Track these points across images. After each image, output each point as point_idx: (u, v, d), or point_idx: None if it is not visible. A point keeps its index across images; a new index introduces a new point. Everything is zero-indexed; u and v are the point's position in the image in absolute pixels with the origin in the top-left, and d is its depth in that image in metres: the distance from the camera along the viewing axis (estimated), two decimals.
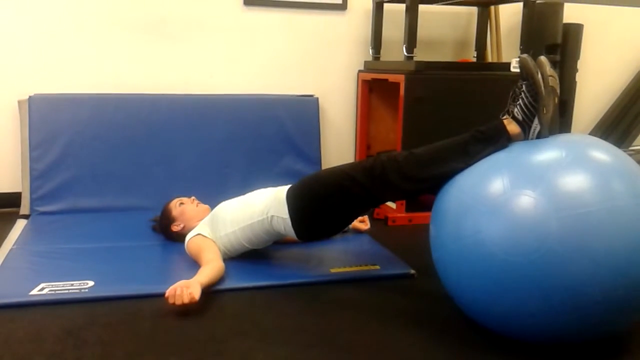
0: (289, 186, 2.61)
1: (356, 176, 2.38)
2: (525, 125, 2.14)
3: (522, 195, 1.87)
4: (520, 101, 2.14)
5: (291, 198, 2.54)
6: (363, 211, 2.67)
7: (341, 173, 2.45)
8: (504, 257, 1.85)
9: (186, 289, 2.21)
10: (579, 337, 1.97)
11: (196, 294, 2.20)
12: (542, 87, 2.08)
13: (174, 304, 2.18)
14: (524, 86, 2.14)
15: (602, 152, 1.98)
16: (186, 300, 2.17)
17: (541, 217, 1.82)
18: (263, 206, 2.63)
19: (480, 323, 2.11)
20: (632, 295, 1.84)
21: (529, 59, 2.10)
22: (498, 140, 2.14)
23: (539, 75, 2.09)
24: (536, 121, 2.11)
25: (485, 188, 1.98)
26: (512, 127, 2.15)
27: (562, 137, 2.12)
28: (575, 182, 1.87)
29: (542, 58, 2.13)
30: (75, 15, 3.71)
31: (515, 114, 2.15)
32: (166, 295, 2.20)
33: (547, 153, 2.00)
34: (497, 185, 1.95)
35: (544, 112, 2.09)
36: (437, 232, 2.17)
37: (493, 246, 1.88)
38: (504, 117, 2.19)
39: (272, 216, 2.58)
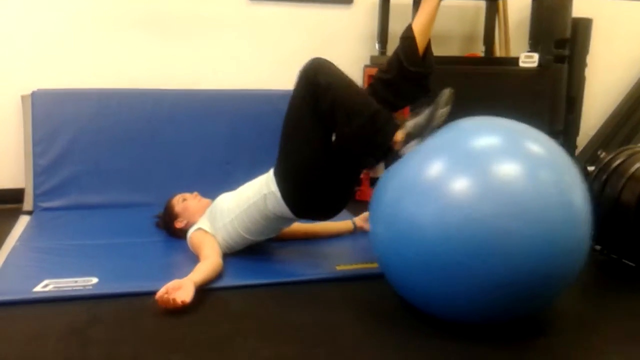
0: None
1: (300, 94, 2.50)
2: (407, 139, 2.24)
3: (454, 183, 1.96)
4: (418, 118, 2.25)
5: (275, 167, 2.60)
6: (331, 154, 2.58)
7: (290, 102, 2.57)
8: (436, 242, 1.94)
9: (177, 291, 2.20)
10: (504, 318, 2.08)
11: (187, 296, 2.19)
12: (440, 122, 2.18)
13: (164, 304, 2.17)
14: (428, 110, 2.23)
15: (534, 142, 2.07)
16: (176, 303, 2.16)
17: (472, 202, 1.91)
18: (257, 188, 2.65)
19: (421, 309, 2.19)
20: (551, 275, 1.96)
21: (448, 95, 2.21)
22: (384, 133, 2.31)
23: (444, 111, 2.19)
24: (413, 142, 2.22)
25: (418, 177, 2.06)
26: (400, 134, 2.28)
27: (491, 122, 2.20)
28: (505, 170, 1.96)
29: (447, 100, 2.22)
30: (78, 11, 3.70)
31: (408, 125, 2.26)
32: (156, 297, 2.18)
33: (482, 141, 2.08)
34: (430, 173, 2.03)
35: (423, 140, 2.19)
36: (374, 226, 2.27)
37: (425, 232, 1.97)
38: (402, 123, 2.30)
39: (265, 194, 2.59)
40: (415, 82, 2.51)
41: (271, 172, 2.62)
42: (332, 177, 2.52)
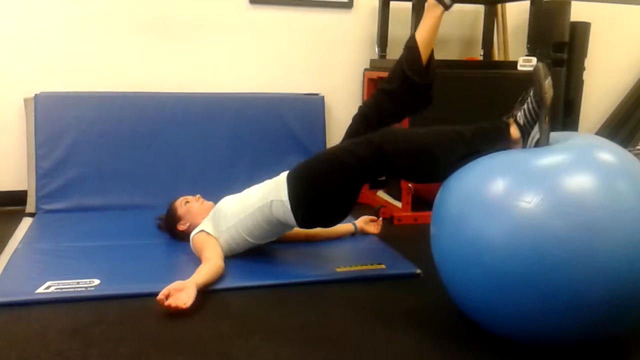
0: (286, 172, 2.61)
1: (355, 150, 2.36)
2: (525, 131, 2.15)
3: (522, 201, 1.85)
4: (526, 106, 2.15)
5: (290, 180, 2.53)
6: (358, 188, 2.53)
7: (339, 149, 2.45)
8: (504, 263, 1.85)
9: (179, 293, 2.21)
10: (578, 340, 1.95)
11: (189, 298, 2.20)
12: (549, 97, 2.09)
13: (166, 306, 2.18)
14: (531, 92, 2.14)
15: (606, 154, 1.96)
16: (178, 306, 2.16)
17: (541, 223, 1.81)
18: (263, 193, 2.63)
19: (481, 324, 2.11)
20: (633, 299, 1.83)
21: (542, 67, 2.11)
22: (498, 140, 2.16)
23: (547, 85, 2.10)
24: (536, 129, 2.13)
25: (486, 192, 1.96)
26: (513, 131, 2.17)
27: (564, 137, 2.12)
28: (577, 185, 1.85)
29: (545, 72, 2.13)
30: (80, 15, 3.71)
31: (518, 119, 2.17)
32: (158, 298, 2.19)
33: (548, 155, 1.98)
34: (498, 189, 1.93)
35: (546, 120, 2.10)
36: (438, 232, 2.16)
37: (492, 246, 1.88)
38: (508, 119, 2.20)
39: (272, 201, 2.57)
40: (419, 92, 2.52)
41: (282, 180, 2.57)
42: (347, 200, 2.52)
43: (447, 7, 2.51)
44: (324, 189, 2.44)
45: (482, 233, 1.91)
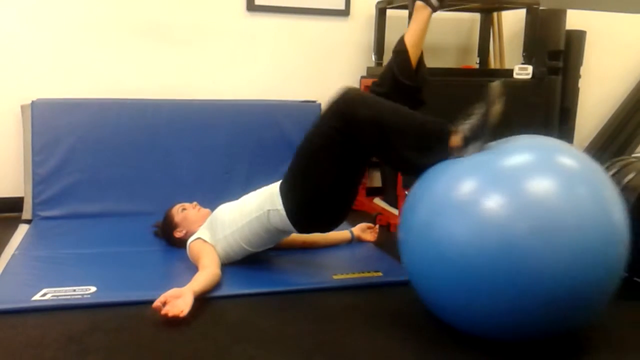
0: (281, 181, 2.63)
1: (316, 128, 2.43)
2: (466, 142, 2.18)
3: (488, 199, 1.93)
4: (473, 120, 2.19)
5: (281, 185, 2.58)
6: (350, 176, 2.54)
7: (306, 137, 2.49)
8: (470, 259, 1.92)
9: (176, 300, 2.21)
10: (541, 335, 2.03)
11: (186, 305, 2.20)
12: (495, 118, 2.14)
13: (163, 314, 2.17)
14: (481, 109, 2.19)
15: (570, 158, 2.04)
16: (175, 313, 2.16)
17: (508, 220, 1.88)
18: (259, 202, 2.64)
19: (454, 325, 2.16)
20: (588, 294, 1.93)
21: (497, 87, 2.16)
22: (437, 144, 2.24)
23: (497, 106, 2.15)
24: (477, 143, 2.16)
25: (452, 193, 2.03)
26: (455, 140, 2.21)
27: (529, 140, 2.18)
28: (540, 186, 1.93)
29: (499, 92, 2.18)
30: (77, 21, 3.72)
31: (463, 129, 2.21)
32: (154, 305, 2.19)
33: (515, 158, 2.05)
34: (464, 190, 2.00)
35: (487, 140, 2.16)
36: (406, 236, 2.22)
37: (459, 249, 1.95)
38: (454, 127, 2.25)
39: (269, 210, 2.58)
40: (409, 95, 2.53)
41: (276, 189, 2.60)
42: (339, 199, 2.53)
43: (434, 9, 2.53)
44: (311, 180, 2.47)
45: (449, 235, 1.98)
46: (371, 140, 2.34)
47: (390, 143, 2.30)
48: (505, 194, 1.92)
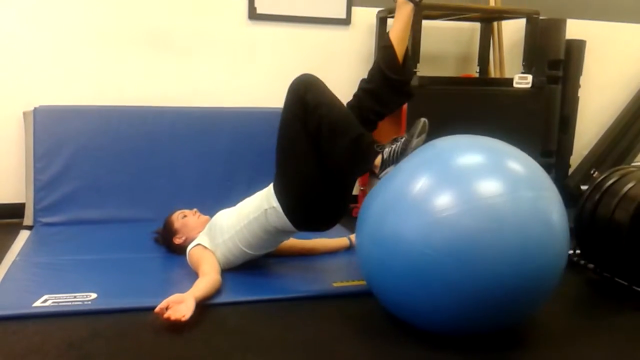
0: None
1: (290, 111, 2.54)
2: (384, 165, 2.35)
3: (438, 198, 2.02)
4: (394, 146, 2.35)
5: (274, 183, 2.63)
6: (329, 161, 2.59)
7: (281, 121, 2.60)
8: (419, 255, 2.00)
9: (178, 306, 2.21)
10: (487, 328, 2.15)
11: (188, 310, 2.20)
12: (413, 150, 2.29)
13: (166, 318, 2.18)
14: (403, 140, 2.34)
15: (514, 160, 2.15)
16: (177, 318, 2.16)
17: (454, 218, 1.97)
18: (257, 204, 2.67)
19: (405, 320, 2.24)
20: (527, 288, 2.03)
21: (422, 124, 2.34)
22: (363, 161, 2.42)
23: (419, 140, 2.31)
24: (389, 168, 2.32)
25: (403, 192, 2.12)
26: (377, 161, 2.39)
27: (471, 142, 2.28)
28: (487, 186, 2.03)
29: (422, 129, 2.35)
30: (80, 28, 3.73)
31: (384, 152, 2.36)
32: (156, 310, 2.20)
33: (466, 159, 2.16)
34: (415, 188, 2.09)
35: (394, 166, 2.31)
36: (360, 239, 2.31)
37: (409, 245, 2.03)
38: (379, 149, 2.39)
39: (266, 209, 2.61)
40: (397, 89, 2.60)
41: (271, 187, 2.65)
42: (329, 189, 2.56)
43: (416, 4, 2.59)
44: (294, 172, 2.55)
45: (400, 232, 2.07)
46: (313, 126, 2.46)
47: (327, 137, 2.44)
48: (453, 193, 2.02)
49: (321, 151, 2.48)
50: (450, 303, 2.01)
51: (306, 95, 2.48)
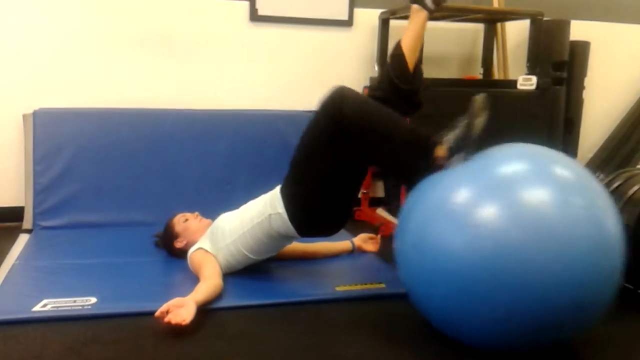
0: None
1: (321, 124, 2.44)
2: (451, 154, 2.21)
3: (483, 209, 1.93)
4: (456, 132, 2.22)
5: (282, 189, 2.58)
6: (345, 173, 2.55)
7: (303, 135, 2.52)
8: (465, 269, 1.91)
9: (179, 310, 2.19)
10: (538, 345, 2.02)
11: (189, 315, 2.18)
12: (479, 130, 2.17)
13: (166, 322, 2.16)
14: (464, 122, 2.22)
15: (563, 167, 2.06)
16: (177, 322, 2.14)
17: (501, 229, 1.89)
18: (260, 208, 2.64)
19: (448, 335, 2.15)
20: (581, 306, 1.92)
21: (480, 100, 2.21)
22: (424, 151, 2.26)
23: (481, 119, 2.19)
24: (461, 154, 2.18)
25: (447, 202, 2.03)
26: (441, 150, 2.23)
27: (521, 149, 2.18)
28: (535, 196, 1.94)
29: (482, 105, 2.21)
30: (80, 30, 3.72)
31: (448, 141, 2.23)
32: (157, 314, 2.18)
33: (510, 167, 2.06)
34: (459, 199, 2.00)
35: (471, 152, 2.17)
36: (401, 246, 2.22)
37: (454, 258, 1.94)
38: (438, 139, 2.27)
39: (270, 214, 2.58)
40: (406, 98, 2.55)
41: (276, 192, 2.61)
42: (339, 200, 2.54)
43: (431, 12, 2.55)
44: (310, 182, 2.49)
45: (444, 245, 1.98)
46: (359, 139, 2.37)
47: (376, 144, 2.35)
48: (499, 204, 1.93)
49: (370, 162, 2.44)
50: (493, 318, 1.93)
51: (342, 109, 2.36)
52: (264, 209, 2.62)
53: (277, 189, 2.63)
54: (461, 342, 2.11)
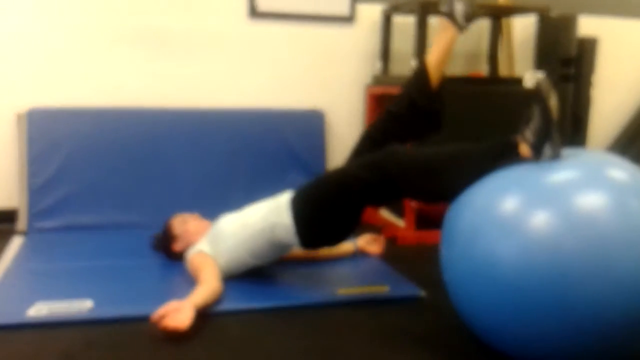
0: (288, 194, 2.56)
1: (361, 174, 2.32)
2: (536, 149, 2.05)
3: (536, 216, 1.83)
4: (534, 124, 2.06)
5: (295, 204, 2.49)
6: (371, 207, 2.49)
7: (343, 172, 2.41)
8: (518, 279, 1.82)
9: (176, 314, 2.15)
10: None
11: (187, 319, 2.14)
12: (555, 112, 2.01)
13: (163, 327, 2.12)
14: (537, 109, 2.05)
15: (617, 170, 1.93)
16: (176, 326, 2.10)
17: (556, 238, 1.78)
18: (263, 214, 2.59)
19: (493, 346, 2.05)
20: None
21: (545, 82, 2.03)
22: (508, 160, 2.08)
23: (553, 100, 2.02)
24: (548, 146, 2.02)
25: (497, 208, 1.93)
26: (524, 150, 2.09)
27: (576, 155, 2.07)
28: (590, 203, 1.82)
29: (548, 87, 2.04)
30: (74, 28, 3.67)
31: (527, 137, 2.08)
32: (153, 318, 2.14)
33: (561, 172, 1.95)
34: (510, 205, 1.90)
35: (557, 137, 2.02)
36: (448, 253, 2.12)
37: (506, 268, 1.84)
38: (517, 138, 2.12)
39: (274, 223, 2.53)
40: (427, 117, 2.46)
41: (284, 202, 2.53)
42: (354, 222, 2.48)
43: (461, 28, 2.43)
44: (329, 213, 2.41)
45: (496, 251, 1.88)
46: (425, 194, 2.32)
47: (445, 185, 2.18)
48: (553, 212, 1.82)
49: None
50: (547, 332, 1.82)
51: (395, 175, 2.26)
52: (268, 216, 2.56)
53: (285, 197, 2.55)
54: (507, 353, 2.01)
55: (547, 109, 2.01)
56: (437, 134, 2.52)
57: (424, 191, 2.30)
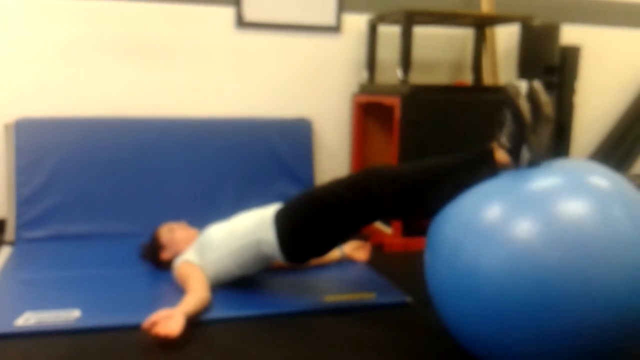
0: (274, 207, 2.58)
1: (342, 193, 2.34)
2: (513, 153, 2.05)
3: (519, 224, 1.82)
4: (506, 129, 2.06)
5: (278, 222, 2.50)
6: (354, 229, 2.48)
7: (328, 191, 2.41)
8: (501, 288, 1.81)
9: (167, 321, 2.15)
10: None
11: (177, 327, 2.14)
12: (527, 114, 2.00)
13: (154, 334, 2.12)
14: (509, 114, 2.05)
15: (600, 178, 1.93)
16: (167, 333, 2.10)
17: (539, 246, 1.78)
18: (249, 229, 2.59)
19: (478, 355, 2.04)
20: (630, 330, 1.79)
21: (511, 86, 2.03)
22: (485, 169, 2.08)
23: (522, 102, 2.00)
24: (525, 149, 2.02)
25: (480, 217, 1.93)
26: (500, 156, 2.09)
27: (559, 163, 2.07)
28: (573, 213, 1.81)
29: (537, 85, 2.04)
30: (63, 39, 3.67)
31: (503, 142, 2.08)
32: (144, 326, 2.14)
33: (544, 180, 1.94)
34: (493, 214, 1.90)
35: (533, 140, 2.00)
36: (432, 262, 2.11)
37: (489, 277, 1.84)
38: (492, 144, 2.13)
39: (260, 239, 2.54)
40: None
41: (268, 217, 2.54)
42: (338, 239, 2.51)
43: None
44: (310, 232, 2.44)
45: (478, 262, 1.87)
46: (403, 210, 2.33)
47: (426, 200, 2.18)
48: (536, 220, 1.81)
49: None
50: (533, 341, 1.80)
51: (375, 194, 2.28)
52: (254, 231, 2.57)
53: (270, 212, 2.57)
54: None
55: (519, 112, 2.00)
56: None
57: (404, 209, 2.32)
